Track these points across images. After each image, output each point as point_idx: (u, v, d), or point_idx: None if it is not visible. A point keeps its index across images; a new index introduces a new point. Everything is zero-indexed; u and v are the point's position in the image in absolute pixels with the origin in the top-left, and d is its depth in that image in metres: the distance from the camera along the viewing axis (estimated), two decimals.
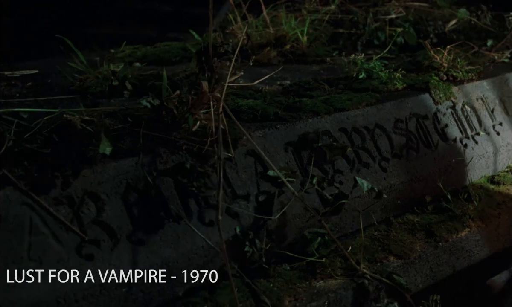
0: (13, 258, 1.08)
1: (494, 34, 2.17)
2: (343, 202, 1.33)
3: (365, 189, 1.35)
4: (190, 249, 1.26)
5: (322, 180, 1.36)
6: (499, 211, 1.61)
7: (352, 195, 1.42)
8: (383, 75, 1.76)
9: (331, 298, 1.27)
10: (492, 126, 1.82)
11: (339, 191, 1.34)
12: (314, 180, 1.35)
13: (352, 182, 1.46)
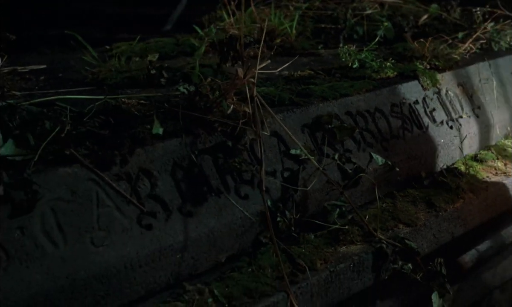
0: (86, 228, 1.25)
1: (463, 27, 2.44)
2: (361, 175, 1.55)
3: (380, 163, 1.57)
4: (231, 220, 1.45)
5: (341, 157, 1.57)
6: (486, 184, 1.86)
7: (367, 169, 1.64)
8: (375, 64, 1.98)
9: (355, 260, 1.48)
10: (472, 109, 2.08)
11: (357, 165, 1.55)
12: (335, 156, 1.56)
13: (360, 160, 1.68)
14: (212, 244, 1.41)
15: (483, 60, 2.19)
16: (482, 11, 2.44)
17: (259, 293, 1.32)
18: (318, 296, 1.39)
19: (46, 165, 1.24)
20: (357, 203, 1.68)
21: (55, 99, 1.42)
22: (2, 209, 1.16)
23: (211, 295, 1.29)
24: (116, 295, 1.26)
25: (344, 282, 1.45)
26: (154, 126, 1.36)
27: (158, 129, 1.36)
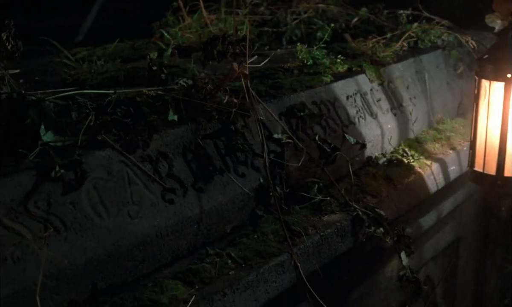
0: (123, 202, 1.47)
1: (390, 28, 2.81)
2: (337, 154, 1.86)
3: (353, 143, 1.89)
4: (233, 196, 1.71)
5: (320, 138, 1.87)
6: (430, 161, 2.23)
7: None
8: (326, 61, 2.30)
9: (338, 226, 1.78)
10: (410, 98, 2.44)
11: (334, 145, 1.86)
12: (316, 137, 1.86)
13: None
14: (220, 216, 1.67)
15: (413, 56, 2.56)
16: (405, 13, 2.83)
17: (268, 254, 1.59)
18: (313, 256, 1.68)
19: (83, 150, 1.46)
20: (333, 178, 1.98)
21: (75, 94, 1.63)
22: (56, 187, 1.37)
23: (229, 257, 1.55)
24: (150, 261, 1.49)
25: (332, 245, 1.75)
26: (170, 114, 1.60)
27: (173, 117, 1.61)
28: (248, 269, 1.52)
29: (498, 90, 1.92)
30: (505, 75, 1.89)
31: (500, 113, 1.92)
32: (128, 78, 2.06)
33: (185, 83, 1.71)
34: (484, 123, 1.98)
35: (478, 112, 2.00)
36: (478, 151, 2.01)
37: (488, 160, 1.99)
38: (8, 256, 1.25)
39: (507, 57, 1.88)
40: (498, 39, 1.96)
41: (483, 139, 1.98)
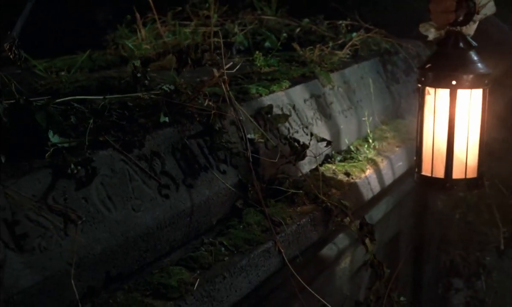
0: (126, 197, 1.61)
1: (331, 38, 3.05)
2: (306, 151, 2.05)
3: (318, 140, 2.09)
4: (218, 191, 1.87)
5: (290, 137, 2.06)
6: (381, 157, 2.46)
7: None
8: (281, 68, 2.51)
9: (311, 216, 1.97)
10: (357, 101, 2.67)
11: (303, 142, 2.06)
12: (288, 136, 2.05)
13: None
14: (208, 210, 1.83)
15: (356, 63, 2.80)
16: (345, 23, 3.08)
17: (255, 242, 1.76)
18: (293, 243, 1.86)
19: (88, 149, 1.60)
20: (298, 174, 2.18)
21: (70, 99, 1.76)
22: (70, 184, 1.50)
23: (222, 245, 1.72)
24: (152, 251, 1.64)
25: (307, 233, 1.94)
26: (161, 116, 1.76)
27: (164, 119, 1.76)
28: (240, 255, 1.69)
29: (443, 97, 2.02)
30: (450, 82, 1.99)
31: (446, 119, 2.03)
32: (100, 87, 2.19)
33: (168, 88, 1.87)
34: (431, 130, 2.07)
35: (424, 119, 2.09)
36: (425, 156, 2.10)
37: (436, 164, 2.08)
38: (36, 246, 1.37)
39: (450, 65, 1.99)
40: (438, 48, 2.06)
41: (430, 144, 2.08)
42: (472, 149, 2.06)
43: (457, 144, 2.04)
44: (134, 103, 1.80)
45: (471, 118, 2.03)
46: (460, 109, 2.01)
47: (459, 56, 2.00)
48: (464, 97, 2.01)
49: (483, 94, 2.02)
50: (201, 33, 2.72)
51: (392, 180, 2.48)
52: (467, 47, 2.00)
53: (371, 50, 2.96)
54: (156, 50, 2.67)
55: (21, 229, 1.36)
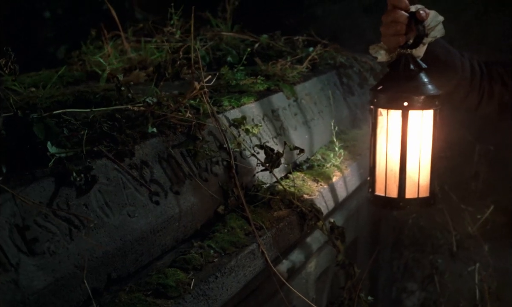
0: (122, 204, 1.71)
1: (288, 52, 3.20)
2: (281, 158, 2.18)
3: (291, 149, 2.22)
4: (201, 197, 1.98)
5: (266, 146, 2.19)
6: (345, 165, 2.62)
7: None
8: (247, 82, 2.64)
9: (288, 220, 2.10)
10: (318, 112, 2.83)
11: (277, 151, 2.18)
12: (264, 144, 2.18)
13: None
14: (193, 215, 1.94)
15: (316, 76, 2.96)
16: (301, 39, 3.23)
17: (240, 244, 1.88)
18: (273, 245, 1.99)
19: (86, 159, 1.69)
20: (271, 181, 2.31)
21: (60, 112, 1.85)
22: (71, 191, 1.59)
23: (210, 248, 1.83)
24: (147, 254, 1.74)
25: (285, 236, 2.06)
26: (149, 127, 1.86)
27: (152, 129, 1.87)
28: (228, 257, 1.80)
29: (395, 118, 2.06)
30: (401, 103, 2.02)
31: (398, 140, 2.06)
32: (76, 101, 2.28)
33: (150, 100, 1.97)
34: (384, 150, 2.10)
35: (377, 140, 2.12)
36: (378, 176, 2.13)
37: (389, 184, 2.11)
38: (45, 250, 1.46)
39: (401, 86, 2.03)
40: (390, 70, 2.10)
41: (383, 165, 2.11)
42: (424, 169, 2.10)
43: (409, 164, 2.08)
44: (121, 115, 1.89)
45: (423, 139, 2.07)
46: (412, 129, 2.05)
47: (410, 78, 2.03)
48: (415, 118, 2.05)
49: (434, 114, 2.06)
50: (166, 49, 2.83)
51: (355, 186, 2.63)
52: (418, 69, 2.03)
53: (327, 63, 3.12)
54: (122, 66, 2.76)
55: (31, 234, 1.45)
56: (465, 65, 2.10)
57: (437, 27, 2.01)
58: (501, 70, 2.08)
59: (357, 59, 3.20)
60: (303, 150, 2.19)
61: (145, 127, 1.85)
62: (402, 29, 1.95)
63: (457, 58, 2.10)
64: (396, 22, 1.95)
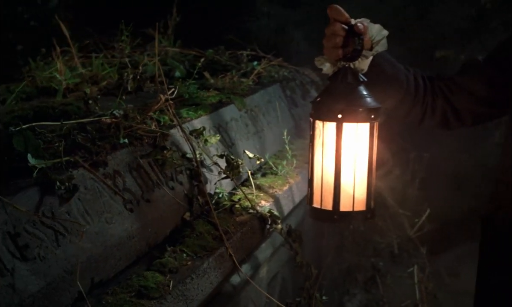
0: (100, 211, 1.79)
1: (233, 66, 3.33)
2: (239, 167, 2.31)
3: (250, 157, 2.35)
4: (170, 205, 2.08)
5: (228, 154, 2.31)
6: (296, 172, 2.76)
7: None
8: (200, 95, 2.75)
9: (250, 225, 2.22)
10: (267, 123, 2.96)
11: (237, 159, 2.30)
12: (225, 153, 2.29)
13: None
14: (163, 222, 2.03)
15: (262, 89, 3.10)
16: (246, 53, 3.37)
17: (210, 248, 1.98)
18: (239, 247, 2.11)
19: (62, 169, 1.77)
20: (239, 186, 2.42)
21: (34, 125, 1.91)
22: (55, 200, 1.67)
23: (183, 252, 1.93)
24: (124, 259, 1.82)
25: (249, 239, 2.18)
26: (121, 137, 1.96)
27: (124, 140, 1.96)
28: (201, 259, 1.91)
29: (330, 130, 2.03)
30: (336, 115, 2.00)
31: (333, 152, 2.03)
32: (37, 115, 2.34)
33: (118, 113, 2.06)
34: (320, 162, 2.09)
35: (314, 151, 2.10)
36: (315, 188, 2.11)
37: (325, 196, 2.07)
38: (36, 256, 1.53)
39: (337, 99, 2.01)
40: (329, 82, 2.08)
41: (320, 177, 2.09)
42: (360, 182, 2.08)
43: (344, 177, 2.06)
44: (91, 127, 1.97)
45: (358, 152, 2.05)
46: (346, 142, 2.03)
47: (346, 91, 2.02)
48: (350, 131, 2.03)
49: (370, 128, 2.03)
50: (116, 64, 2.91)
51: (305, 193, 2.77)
52: (355, 82, 2.02)
53: (271, 77, 3.27)
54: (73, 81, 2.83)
55: (23, 241, 1.52)
56: (409, 80, 2.12)
57: (382, 42, 2.05)
58: (443, 85, 2.13)
59: (299, 72, 3.35)
60: (261, 158, 2.31)
61: (115, 138, 1.94)
62: (340, 41, 1.95)
63: (402, 73, 2.11)
64: (335, 35, 1.95)
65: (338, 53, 1.98)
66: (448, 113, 2.14)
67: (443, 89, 2.13)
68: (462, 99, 2.11)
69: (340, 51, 1.97)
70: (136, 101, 2.46)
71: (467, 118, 2.14)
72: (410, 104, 2.14)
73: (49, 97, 2.70)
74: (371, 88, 2.06)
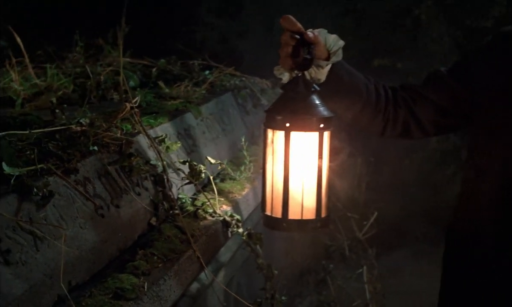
0: (74, 217, 1.84)
1: (185, 76, 3.41)
2: (202, 172, 2.38)
3: (212, 163, 2.43)
4: (137, 210, 2.14)
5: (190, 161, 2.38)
6: (253, 177, 2.85)
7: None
8: (157, 103, 2.82)
9: (214, 228, 2.30)
10: (222, 130, 3.05)
11: (199, 165, 2.38)
12: (188, 159, 2.36)
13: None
14: (132, 227, 2.09)
15: (215, 97, 3.19)
16: (198, 63, 3.45)
17: (179, 251, 2.05)
18: (206, 250, 2.18)
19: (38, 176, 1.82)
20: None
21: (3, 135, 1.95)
22: (32, 206, 1.72)
23: (153, 255, 2.00)
24: (97, 262, 1.87)
25: (214, 242, 2.25)
26: (90, 144, 2.01)
27: (93, 147, 2.02)
28: (171, 262, 1.98)
29: (280, 138, 2.06)
30: (284, 124, 2.02)
31: (283, 160, 2.06)
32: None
33: (84, 121, 2.12)
34: (271, 170, 2.11)
35: (266, 160, 2.13)
36: (267, 196, 2.13)
37: (275, 204, 2.10)
38: (18, 260, 1.58)
39: (287, 107, 2.03)
40: (282, 91, 2.11)
41: (271, 184, 2.12)
42: (309, 191, 2.08)
43: (293, 185, 2.07)
44: (60, 136, 2.02)
45: (307, 160, 2.06)
46: (294, 151, 2.05)
47: (296, 99, 2.03)
48: (298, 139, 2.04)
49: (319, 137, 2.03)
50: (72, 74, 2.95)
51: None
52: (307, 91, 2.03)
53: (223, 85, 3.36)
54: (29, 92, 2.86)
55: (5, 246, 1.56)
56: (370, 90, 2.14)
57: (338, 52, 2.08)
58: (406, 95, 2.17)
59: (250, 81, 3.45)
60: (223, 163, 2.39)
61: (83, 146, 1.99)
62: (291, 51, 1.97)
63: (362, 83, 2.14)
64: (287, 45, 1.97)
65: (290, 62, 2.00)
66: (410, 124, 2.17)
67: (406, 99, 2.16)
68: (425, 110, 2.14)
69: (292, 61, 2.00)
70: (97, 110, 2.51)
71: (429, 128, 2.18)
72: (371, 114, 2.16)
73: (5, 108, 2.73)
74: (331, 98, 2.09)
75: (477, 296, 2.06)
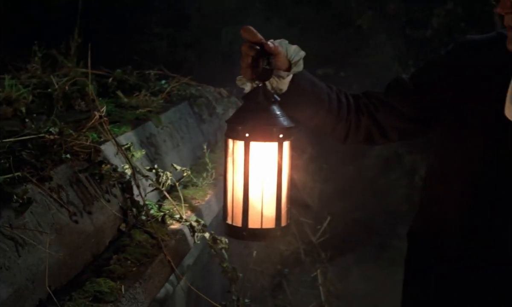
0: (50, 223, 1.88)
1: (141, 85, 3.45)
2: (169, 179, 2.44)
3: (179, 170, 2.49)
4: (108, 216, 2.19)
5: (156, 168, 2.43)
6: (214, 183, 2.92)
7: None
8: (117, 113, 2.86)
9: (182, 233, 2.37)
10: (181, 138, 3.11)
11: (166, 172, 2.44)
12: (155, 166, 2.42)
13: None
14: (103, 233, 2.14)
15: (174, 106, 3.25)
16: (153, 73, 3.51)
17: (151, 255, 2.11)
18: (175, 254, 2.25)
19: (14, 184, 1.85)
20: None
21: None
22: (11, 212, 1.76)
23: (126, 260, 2.05)
24: (74, 268, 1.91)
25: (182, 246, 2.32)
26: (63, 153, 2.06)
27: (66, 155, 2.06)
28: (145, 266, 2.03)
29: (240, 148, 2.08)
30: (244, 134, 2.04)
31: (242, 170, 2.08)
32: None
33: (54, 130, 2.16)
34: (231, 179, 2.14)
35: (227, 169, 2.15)
36: (228, 205, 2.15)
37: (236, 213, 2.12)
38: (2, 265, 1.62)
39: (247, 118, 2.05)
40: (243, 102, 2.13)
41: (231, 194, 2.14)
42: (269, 200, 2.10)
43: (253, 195, 2.09)
44: (31, 144, 2.06)
45: (267, 170, 2.08)
46: (253, 160, 2.07)
47: (256, 110, 2.05)
48: (257, 149, 2.06)
49: (278, 147, 2.05)
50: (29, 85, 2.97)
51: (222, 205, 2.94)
52: (267, 101, 2.05)
53: (180, 95, 3.42)
54: None
55: None
56: (332, 98, 2.18)
57: (299, 63, 2.11)
58: (369, 102, 2.21)
59: (206, 90, 3.52)
60: (188, 170, 2.46)
61: (54, 154, 2.03)
62: (251, 61, 2.00)
63: (324, 92, 2.18)
64: (247, 55, 2.00)
65: (249, 72, 2.04)
66: (372, 130, 2.22)
67: (369, 106, 2.21)
68: (387, 116, 2.20)
69: (251, 71, 2.03)
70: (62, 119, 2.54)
71: (392, 134, 2.23)
72: (333, 121, 2.20)
73: None
74: (293, 108, 2.13)
75: (441, 299, 2.11)
